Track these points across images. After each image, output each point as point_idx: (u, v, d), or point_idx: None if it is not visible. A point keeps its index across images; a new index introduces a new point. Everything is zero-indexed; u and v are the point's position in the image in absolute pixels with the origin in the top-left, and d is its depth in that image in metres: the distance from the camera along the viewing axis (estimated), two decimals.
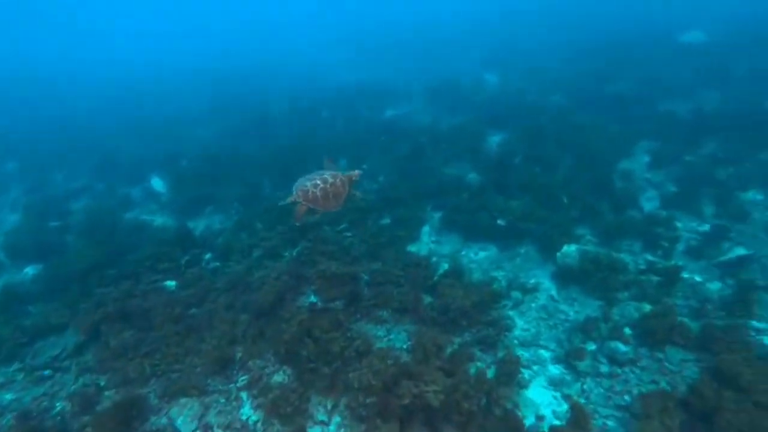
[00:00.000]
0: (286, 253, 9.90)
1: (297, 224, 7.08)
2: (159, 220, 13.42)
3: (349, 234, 10.26)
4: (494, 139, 15.42)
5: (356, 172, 7.22)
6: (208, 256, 10.12)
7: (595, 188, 10.85)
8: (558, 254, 8.57)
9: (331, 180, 6.69)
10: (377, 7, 53.50)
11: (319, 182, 6.59)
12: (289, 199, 6.65)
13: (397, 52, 31.30)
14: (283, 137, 18.33)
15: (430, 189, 11.77)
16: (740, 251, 8.77)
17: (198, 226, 12.52)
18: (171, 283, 8.89)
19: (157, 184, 14.87)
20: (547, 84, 19.69)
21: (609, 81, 17.97)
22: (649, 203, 10.65)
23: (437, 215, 11.20)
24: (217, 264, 9.86)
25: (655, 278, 8.00)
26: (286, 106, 22.91)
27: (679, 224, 9.91)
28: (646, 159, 12.84)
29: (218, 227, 12.21)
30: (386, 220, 10.94)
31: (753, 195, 10.73)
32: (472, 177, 12.70)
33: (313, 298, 7.84)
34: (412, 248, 10.24)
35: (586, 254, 8.38)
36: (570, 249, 8.52)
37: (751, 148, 12.22)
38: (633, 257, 8.98)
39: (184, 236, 10.81)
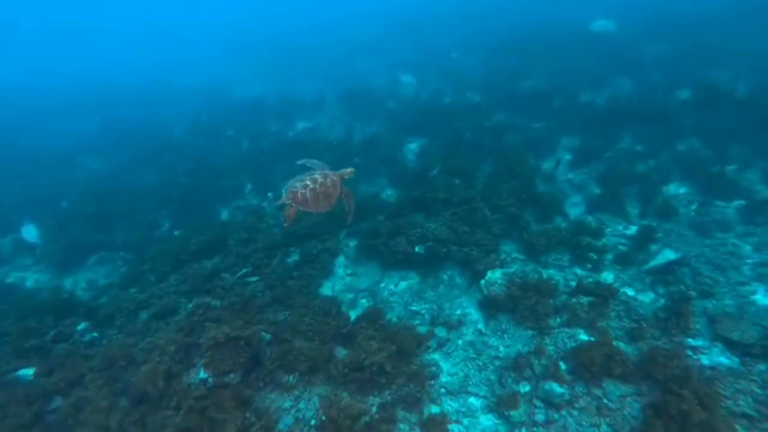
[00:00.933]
0: (182, 309, 8.77)
1: (285, 226, 6.82)
2: (32, 278, 11.76)
3: (252, 279, 9.24)
4: (411, 147, 14.87)
5: (349, 169, 7.25)
6: (81, 326, 8.74)
7: (518, 196, 10.40)
8: (482, 282, 7.98)
9: (321, 180, 6.67)
10: (280, 12, 51.61)
11: (309, 183, 6.55)
12: (279, 202, 6.54)
13: (307, 57, 30.20)
14: (185, 163, 16.92)
15: (343, 213, 10.90)
16: (669, 254, 8.56)
17: (79, 282, 11.05)
18: (28, 371, 7.50)
19: (30, 232, 13.11)
20: (463, 83, 19.45)
21: (524, 76, 17.90)
22: (575, 208, 10.36)
23: (352, 243, 10.39)
24: (95, 334, 8.53)
25: (585, 300, 7.55)
26: (187, 126, 21.43)
27: (606, 229, 9.67)
28: (568, 157, 12.69)
29: (103, 282, 10.81)
30: (295, 257, 10.00)
31: (675, 188, 10.72)
32: (389, 194, 12.04)
33: (202, 374, 6.78)
34: (326, 286, 9.38)
35: (513, 279, 7.84)
36: (494, 276, 7.96)
37: (666, 137, 12.32)
38: (562, 273, 8.57)
39: (56, 300, 9.40)
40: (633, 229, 9.55)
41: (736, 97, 13.26)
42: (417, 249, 9.04)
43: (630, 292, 7.87)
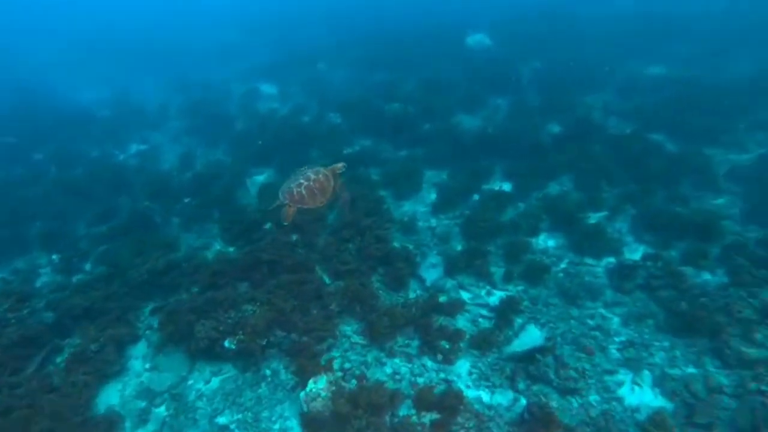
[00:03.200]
0: None
1: (286, 224, 7.16)
2: None
3: None
4: (258, 181, 13.12)
5: (339, 164, 7.53)
6: None
7: (367, 257, 9.05)
8: (302, 395, 6.43)
9: (313, 176, 7.07)
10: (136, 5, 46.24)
11: (302, 181, 6.99)
12: (276, 204, 6.98)
13: (159, 57, 26.97)
14: None
15: (146, 283, 8.89)
16: (534, 333, 7.65)
17: None
18: None
19: None
20: (327, 99, 17.92)
21: (394, 94, 16.80)
22: (433, 271, 9.12)
23: (156, 323, 8.44)
24: None
25: (428, 418, 6.25)
26: None
27: (465, 295, 8.61)
28: (433, 197, 11.60)
29: None
30: (63, 355, 7.85)
31: (544, 240, 9.98)
32: (217, 250, 10.19)
33: None
34: (112, 391, 7.46)
35: (340, 391, 6.39)
36: (318, 386, 6.46)
37: (538, 175, 11.68)
38: (409, 365, 7.31)
39: None
40: (497, 296, 8.58)
41: (607, 131, 13.06)
42: (227, 344, 7.31)
43: (485, 395, 6.77)
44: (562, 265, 9.22)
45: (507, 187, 11.66)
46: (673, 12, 22.34)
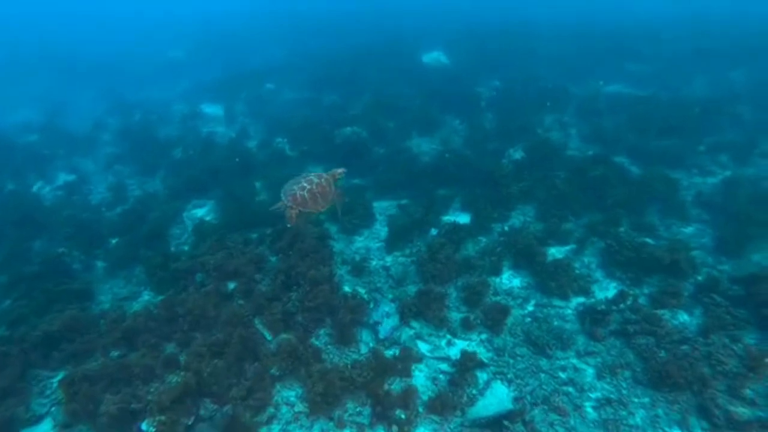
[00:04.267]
0: None
1: (290, 226, 7.25)
2: None
3: None
4: (197, 213, 11.97)
5: (339, 170, 7.88)
6: None
7: (312, 308, 8.03)
8: None
9: (316, 181, 7.27)
10: (74, 21, 44.28)
11: (305, 184, 7.17)
12: (279, 205, 7.09)
13: (91, 77, 25.42)
14: None
15: (51, 346, 7.67)
16: (501, 391, 6.83)
17: None
18: None
19: None
20: (275, 121, 16.96)
21: (345, 116, 15.96)
22: (387, 320, 8.18)
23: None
24: None
25: None
26: None
27: (423, 347, 7.73)
28: (387, 231, 10.71)
29: None
30: None
31: (507, 279, 9.21)
32: (145, 300, 9.03)
33: None
34: None
35: None
36: None
37: (498, 205, 10.99)
38: None
39: None
40: (458, 346, 7.72)
41: (569, 154, 12.52)
42: (144, 427, 6.18)
43: None
44: (529, 308, 8.47)
45: (465, 218, 10.88)
46: (621, 32, 22.67)
